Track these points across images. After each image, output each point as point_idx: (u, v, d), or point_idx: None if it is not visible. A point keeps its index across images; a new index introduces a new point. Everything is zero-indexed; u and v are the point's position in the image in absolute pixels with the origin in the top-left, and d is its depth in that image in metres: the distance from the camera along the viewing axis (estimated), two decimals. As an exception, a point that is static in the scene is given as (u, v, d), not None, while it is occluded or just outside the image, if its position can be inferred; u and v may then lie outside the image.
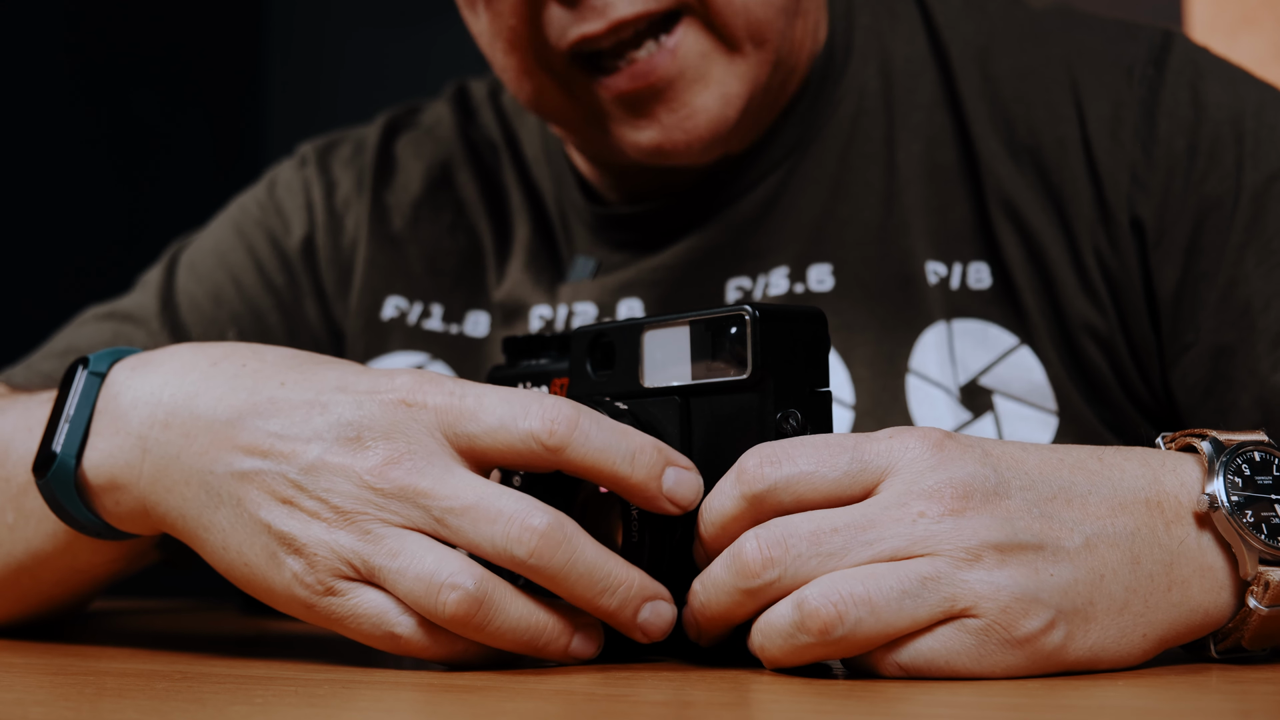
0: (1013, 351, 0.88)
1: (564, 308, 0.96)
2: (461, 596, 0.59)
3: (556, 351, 0.75)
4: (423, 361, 1.01)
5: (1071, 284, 0.87)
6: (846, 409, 0.89)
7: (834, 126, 0.93)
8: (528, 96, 0.89)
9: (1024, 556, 0.56)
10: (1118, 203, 0.87)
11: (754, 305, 0.62)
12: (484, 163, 1.05)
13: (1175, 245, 0.86)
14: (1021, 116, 0.90)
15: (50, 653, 0.74)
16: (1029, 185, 0.89)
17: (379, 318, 1.02)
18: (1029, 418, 0.87)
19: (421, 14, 2.48)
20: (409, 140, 1.07)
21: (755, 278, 0.93)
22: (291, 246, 1.05)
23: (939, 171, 0.91)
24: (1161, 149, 0.87)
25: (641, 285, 0.94)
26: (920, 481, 0.57)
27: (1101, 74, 0.89)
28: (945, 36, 0.93)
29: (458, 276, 1.02)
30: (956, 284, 0.89)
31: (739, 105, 0.86)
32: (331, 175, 1.07)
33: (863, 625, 0.55)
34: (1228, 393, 0.86)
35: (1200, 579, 0.59)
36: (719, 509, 0.60)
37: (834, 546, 0.56)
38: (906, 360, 0.88)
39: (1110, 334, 0.87)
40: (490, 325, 1.00)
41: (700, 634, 0.62)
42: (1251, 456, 0.61)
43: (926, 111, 0.92)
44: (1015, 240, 0.88)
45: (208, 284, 1.04)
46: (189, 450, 0.65)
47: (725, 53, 0.85)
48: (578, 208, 0.99)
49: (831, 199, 0.92)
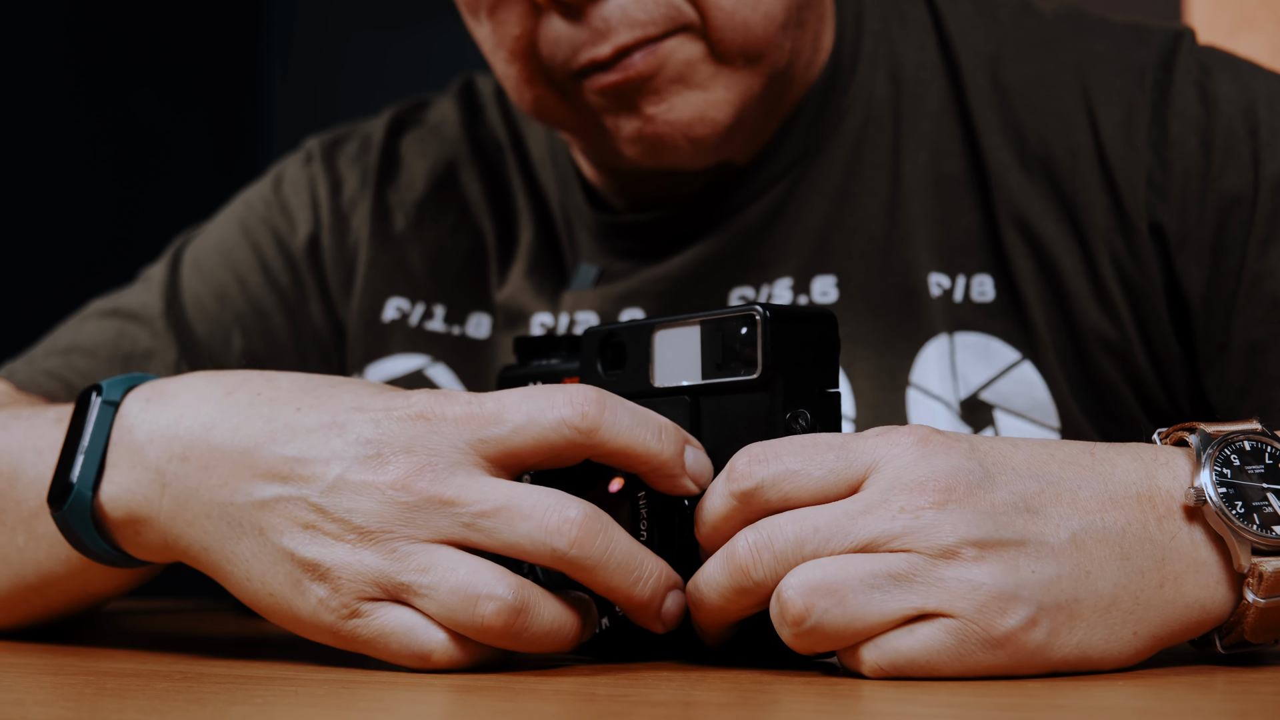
0: (1015, 366, 0.88)
1: (565, 316, 0.96)
2: (500, 606, 0.58)
3: (567, 351, 0.75)
4: (424, 364, 1.00)
5: (1084, 296, 0.87)
6: (848, 422, 0.89)
7: (840, 136, 0.93)
8: (529, 104, 0.89)
9: (1003, 553, 0.56)
10: (1135, 209, 0.86)
11: (765, 305, 0.62)
12: (489, 162, 1.04)
13: (1200, 246, 0.86)
14: (1032, 125, 0.89)
15: (50, 653, 0.74)
16: (1041, 196, 0.88)
17: (380, 319, 1.02)
18: (1029, 433, 0.87)
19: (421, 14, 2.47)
20: (414, 138, 1.07)
21: (759, 288, 0.92)
22: (297, 245, 1.04)
23: (945, 182, 0.90)
24: (1175, 151, 0.86)
25: (644, 295, 0.94)
26: (903, 476, 0.57)
27: (1112, 79, 0.89)
28: (956, 44, 0.93)
29: (460, 277, 1.02)
30: (960, 297, 0.89)
31: (727, 111, 0.85)
32: (338, 173, 1.06)
33: (829, 615, 0.56)
34: (1264, 390, 0.85)
35: (1194, 574, 0.59)
36: (711, 508, 0.60)
37: (816, 544, 0.57)
38: (908, 374, 0.88)
39: (1126, 344, 0.87)
40: (492, 327, 0.99)
41: (701, 632, 0.62)
42: (1241, 446, 0.60)
43: (934, 120, 0.92)
44: (1025, 253, 0.88)
45: (212, 283, 1.04)
46: (208, 483, 0.64)
47: (714, 63, 0.84)
48: (582, 214, 0.98)
49: (836, 210, 0.92)
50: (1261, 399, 0.85)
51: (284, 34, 2.54)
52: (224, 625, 0.95)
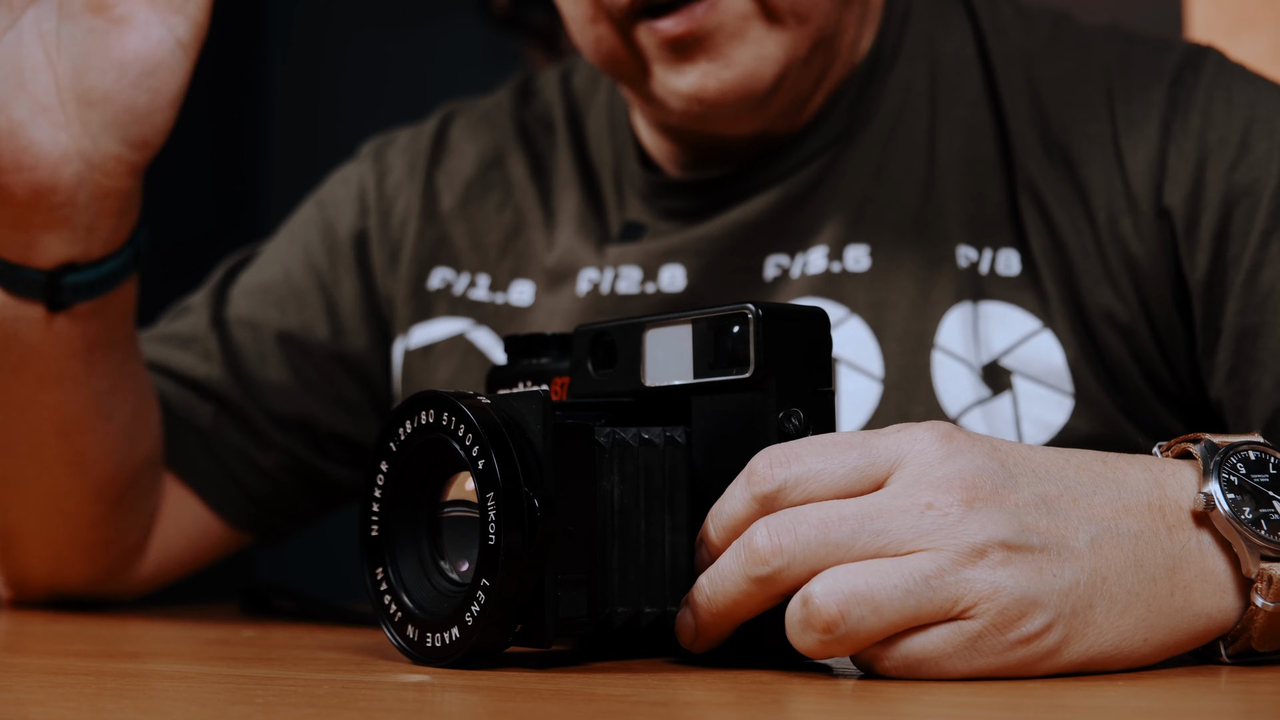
0: (1034, 335, 0.90)
1: (610, 271, 0.99)
2: None
3: (557, 350, 0.75)
4: (466, 328, 1.04)
5: (1092, 273, 0.90)
6: (875, 381, 0.92)
7: (880, 117, 0.97)
8: (593, 46, 0.93)
9: (1029, 556, 0.56)
10: (1143, 193, 0.90)
11: (757, 304, 0.62)
12: (536, 144, 1.09)
13: (1205, 232, 0.88)
14: (1056, 115, 0.94)
15: (50, 653, 0.74)
16: (1059, 180, 0.92)
17: (425, 287, 1.06)
18: (1045, 398, 0.89)
19: (421, 15, 2.48)
20: (465, 124, 1.12)
21: (794, 255, 0.96)
22: (341, 233, 1.10)
23: (977, 162, 0.95)
24: (1192, 141, 0.89)
25: (685, 253, 0.97)
26: (929, 472, 0.57)
27: (1137, 78, 0.93)
28: (991, 41, 0.97)
29: (504, 250, 1.05)
30: (986, 269, 0.92)
31: (774, 70, 0.89)
32: (385, 163, 1.12)
33: (865, 623, 0.55)
34: (1250, 375, 0.87)
35: (1202, 583, 0.59)
36: (731, 512, 0.60)
37: (842, 535, 0.56)
38: (933, 337, 0.91)
39: (1132, 321, 0.89)
40: (535, 294, 1.03)
41: (698, 636, 0.62)
42: (1246, 455, 0.61)
43: (969, 106, 0.96)
44: (1040, 229, 0.91)
45: (261, 275, 1.09)
46: None
47: (765, 20, 0.89)
48: (633, 177, 1.03)
49: (873, 184, 0.96)
50: (1247, 383, 0.87)
51: (284, 34, 2.54)
52: (224, 625, 0.95)
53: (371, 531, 0.66)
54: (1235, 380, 0.88)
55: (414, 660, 0.63)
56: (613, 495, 0.63)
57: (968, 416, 0.89)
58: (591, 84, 1.09)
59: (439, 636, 0.62)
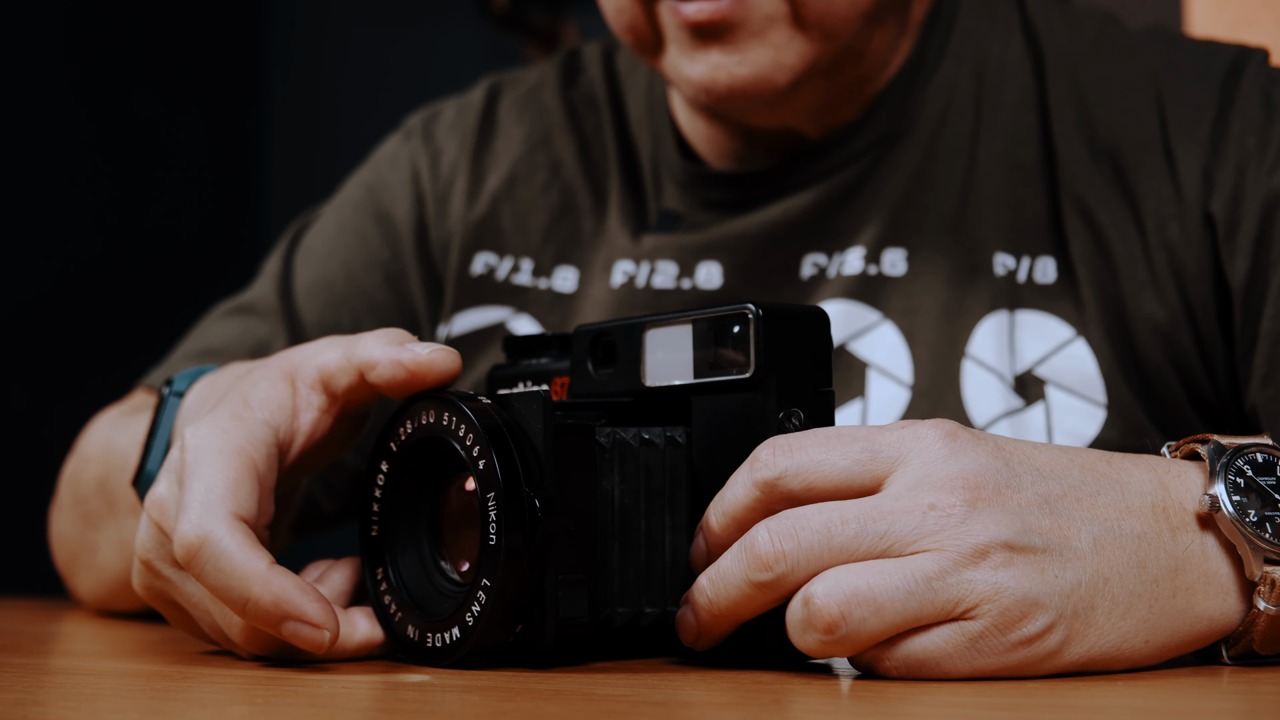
0: (1068, 344, 0.90)
1: (646, 264, 0.99)
2: None
3: (557, 350, 0.75)
4: (506, 316, 1.03)
5: (1137, 279, 0.89)
6: (904, 388, 0.91)
7: (924, 120, 0.97)
8: (626, 26, 0.92)
9: (1031, 557, 0.56)
10: (1192, 198, 0.89)
11: (757, 304, 0.62)
12: (582, 123, 1.08)
13: (1245, 237, 0.88)
14: (1104, 120, 0.93)
15: (50, 653, 0.74)
16: (1105, 185, 0.91)
17: (469, 273, 1.04)
18: (1077, 409, 0.89)
19: (422, 14, 2.48)
20: (512, 101, 1.10)
21: (831, 255, 0.95)
22: (399, 222, 1.07)
23: (1018, 168, 0.94)
24: (1233, 146, 0.89)
25: (722, 250, 0.97)
26: (932, 472, 0.57)
27: (1184, 83, 0.92)
28: (1043, 42, 0.97)
29: (548, 233, 1.04)
30: (1023, 277, 0.91)
31: (788, 77, 0.89)
32: (436, 143, 1.10)
33: (867, 624, 0.55)
34: None
35: (1205, 585, 0.59)
36: (733, 498, 0.60)
37: (845, 539, 0.56)
38: (965, 345, 0.91)
39: (1174, 328, 0.89)
40: (579, 281, 1.02)
41: (699, 636, 0.62)
42: (1254, 458, 0.61)
43: (1013, 111, 0.95)
44: (1084, 235, 0.91)
45: (320, 271, 1.07)
46: None
47: (792, 25, 0.88)
48: (671, 165, 1.02)
49: (914, 188, 0.95)
50: None
51: (284, 34, 2.54)
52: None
53: (371, 531, 0.66)
54: (1270, 385, 0.87)
55: (414, 660, 0.63)
56: (613, 495, 0.63)
57: (996, 428, 0.88)
58: (632, 64, 1.08)
59: (439, 636, 0.62)
